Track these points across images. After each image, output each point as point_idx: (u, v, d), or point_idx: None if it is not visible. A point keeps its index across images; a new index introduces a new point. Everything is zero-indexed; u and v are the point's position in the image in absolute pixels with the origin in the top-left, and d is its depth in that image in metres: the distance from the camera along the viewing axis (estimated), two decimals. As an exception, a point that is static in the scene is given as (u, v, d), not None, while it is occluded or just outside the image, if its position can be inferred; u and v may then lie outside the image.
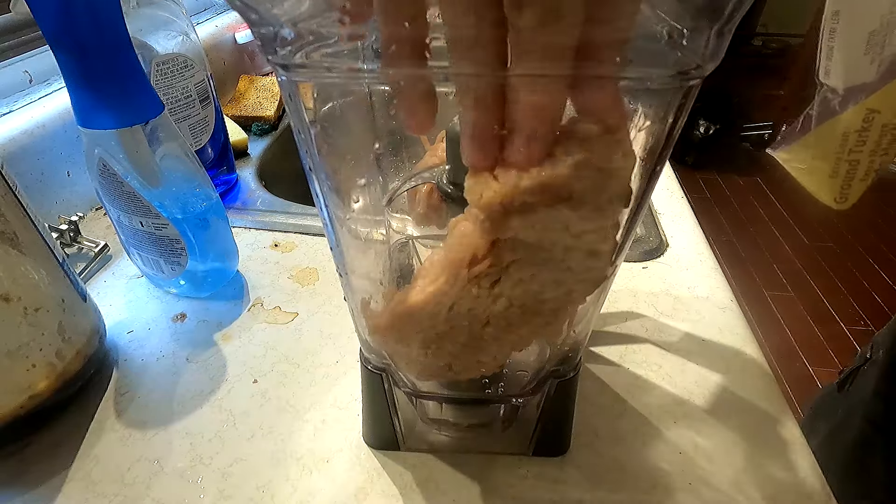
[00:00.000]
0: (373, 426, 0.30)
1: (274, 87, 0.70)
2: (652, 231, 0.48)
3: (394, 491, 0.29)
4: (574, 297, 0.20)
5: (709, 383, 0.34)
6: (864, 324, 1.49)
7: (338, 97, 0.21)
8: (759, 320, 1.50)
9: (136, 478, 0.29)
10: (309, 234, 0.48)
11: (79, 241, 0.45)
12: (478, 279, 0.18)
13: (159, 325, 0.39)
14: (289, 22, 0.16)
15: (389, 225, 0.26)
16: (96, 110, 0.31)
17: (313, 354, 0.37)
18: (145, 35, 0.42)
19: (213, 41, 0.70)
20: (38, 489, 0.29)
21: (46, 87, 0.52)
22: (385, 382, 0.28)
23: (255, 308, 0.40)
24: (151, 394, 0.34)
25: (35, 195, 0.46)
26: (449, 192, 0.23)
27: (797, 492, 0.29)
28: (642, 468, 0.30)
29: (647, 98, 0.18)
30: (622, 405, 0.33)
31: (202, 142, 0.49)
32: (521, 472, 0.30)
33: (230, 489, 0.29)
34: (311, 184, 0.21)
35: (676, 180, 0.55)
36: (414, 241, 0.27)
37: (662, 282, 0.42)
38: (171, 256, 0.38)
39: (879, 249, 1.76)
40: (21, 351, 0.28)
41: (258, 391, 0.34)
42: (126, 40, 0.30)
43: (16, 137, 0.45)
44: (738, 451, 0.31)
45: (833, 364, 1.38)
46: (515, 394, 0.28)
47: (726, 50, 0.15)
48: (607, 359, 0.36)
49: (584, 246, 0.18)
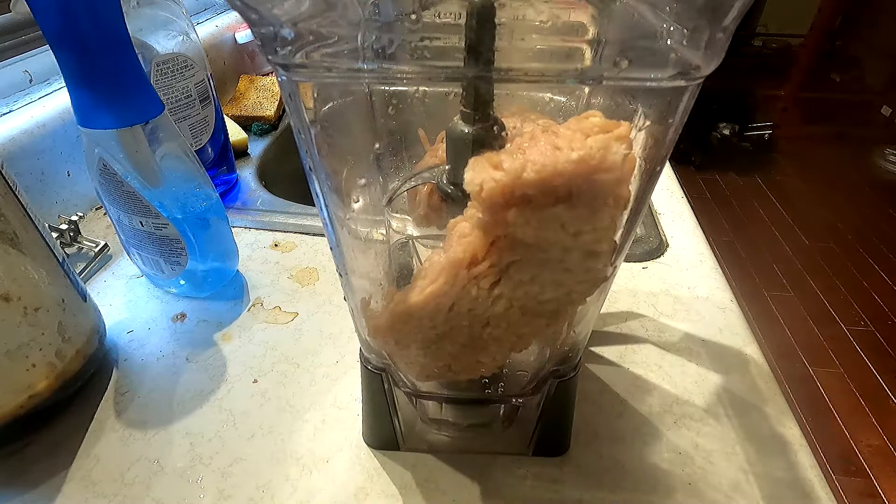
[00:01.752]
0: (373, 426, 0.30)
1: (274, 87, 0.70)
2: (652, 231, 0.48)
3: (394, 491, 0.29)
4: (574, 298, 0.20)
5: (709, 383, 0.34)
6: (864, 324, 1.49)
7: (338, 97, 0.21)
8: (759, 320, 1.50)
9: (136, 478, 0.29)
10: (309, 234, 0.48)
11: (79, 240, 0.45)
12: (477, 280, 0.18)
13: (159, 324, 0.39)
14: (289, 22, 0.16)
15: (389, 225, 0.26)
16: (96, 110, 0.31)
17: (313, 354, 0.37)
18: (145, 35, 0.42)
19: (214, 41, 0.70)
20: (37, 489, 0.29)
21: (46, 86, 0.51)
22: (385, 382, 0.28)
23: (255, 308, 0.41)
24: (151, 394, 0.34)
25: (35, 195, 0.46)
26: (449, 192, 0.23)
27: (797, 492, 0.29)
28: (642, 468, 0.30)
29: (647, 98, 0.18)
30: (622, 405, 0.33)
31: (202, 142, 0.49)
32: (521, 472, 0.30)
33: (230, 489, 0.29)
34: (311, 184, 0.21)
35: (676, 180, 0.55)
36: (414, 241, 0.27)
37: (662, 282, 0.42)
38: (171, 256, 0.38)
39: (879, 249, 1.76)
40: (21, 351, 0.28)
41: (258, 391, 0.34)
42: (126, 40, 0.30)
43: (16, 137, 0.45)
44: (738, 451, 0.31)
45: (833, 364, 1.38)
46: (515, 394, 0.28)
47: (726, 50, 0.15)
48: (607, 359, 0.36)
49: (583, 246, 0.18)
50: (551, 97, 0.23)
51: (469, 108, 0.19)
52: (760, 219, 1.94)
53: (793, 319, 1.51)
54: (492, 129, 0.20)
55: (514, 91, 0.22)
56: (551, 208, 0.16)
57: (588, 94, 0.22)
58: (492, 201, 0.16)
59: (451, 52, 0.16)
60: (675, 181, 0.55)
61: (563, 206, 0.16)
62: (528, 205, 0.16)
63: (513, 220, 0.17)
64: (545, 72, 0.16)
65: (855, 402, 1.29)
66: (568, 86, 0.23)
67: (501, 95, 0.19)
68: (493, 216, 0.17)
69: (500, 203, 0.16)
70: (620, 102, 0.19)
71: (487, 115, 0.19)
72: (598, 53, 0.16)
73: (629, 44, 0.16)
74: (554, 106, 0.23)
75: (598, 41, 0.15)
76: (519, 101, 0.23)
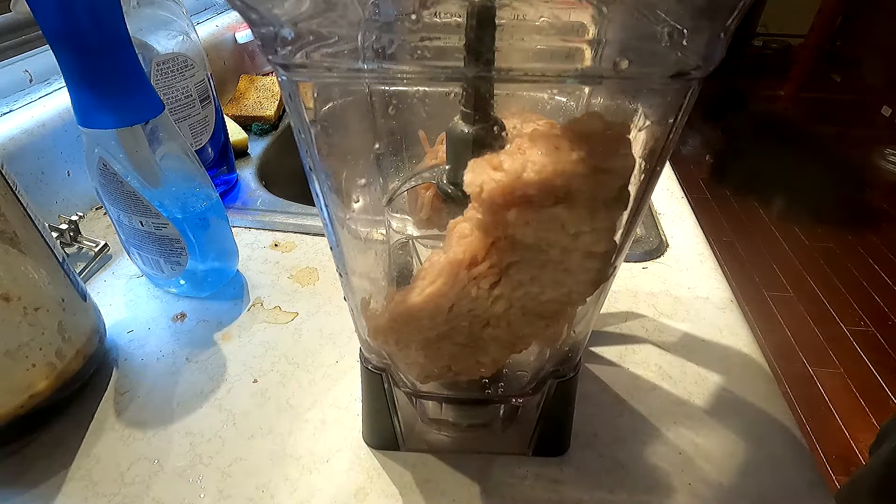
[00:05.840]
0: (373, 426, 0.31)
1: (274, 87, 0.70)
2: (652, 231, 0.48)
3: (393, 491, 0.29)
4: (574, 299, 0.20)
5: (709, 383, 0.34)
6: (864, 324, 1.49)
7: (338, 97, 0.21)
8: (759, 320, 1.50)
9: (135, 477, 0.29)
10: (309, 234, 0.48)
11: (79, 240, 0.45)
12: (477, 280, 0.18)
13: (159, 324, 0.39)
14: (289, 22, 0.16)
15: (389, 225, 0.26)
16: (96, 110, 0.31)
17: (313, 354, 0.37)
18: (145, 35, 0.42)
19: (214, 41, 0.70)
20: (37, 488, 0.29)
21: (46, 86, 0.51)
22: (385, 382, 0.28)
23: (255, 308, 0.41)
24: (151, 393, 0.34)
25: (35, 195, 0.46)
26: (449, 193, 0.23)
27: (797, 492, 0.29)
28: (642, 468, 0.30)
29: (647, 98, 0.18)
30: (622, 405, 0.33)
31: (202, 141, 0.49)
32: (521, 472, 0.30)
33: (230, 489, 0.29)
34: (311, 184, 0.21)
35: (676, 180, 0.55)
36: (414, 241, 0.27)
37: (662, 282, 0.42)
38: (171, 256, 0.38)
39: (879, 249, 1.76)
40: (21, 350, 0.28)
41: (258, 391, 0.34)
42: (126, 40, 0.30)
43: (16, 137, 0.45)
44: (738, 451, 0.31)
45: (833, 364, 1.38)
46: (515, 394, 0.28)
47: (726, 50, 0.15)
48: (607, 359, 0.36)
49: (583, 247, 0.18)
50: (551, 97, 0.23)
51: (469, 108, 0.19)
52: (760, 219, 1.94)
53: (793, 319, 1.51)
54: (492, 129, 0.20)
55: (514, 91, 0.22)
56: (551, 209, 0.16)
57: (588, 94, 0.22)
58: (492, 202, 0.16)
59: (451, 52, 0.16)
60: (675, 181, 0.55)
61: (563, 207, 0.16)
62: (528, 205, 0.16)
63: (513, 221, 0.17)
64: (545, 72, 0.16)
65: (855, 402, 1.29)
66: (568, 86, 0.23)
67: (501, 95, 0.19)
68: (494, 217, 0.17)
69: (500, 203, 0.16)
70: (620, 102, 0.19)
71: (487, 115, 0.19)
72: (598, 53, 0.16)
73: (629, 44, 0.16)
74: (554, 106, 0.23)
75: (598, 41, 0.15)
76: (519, 101, 0.23)
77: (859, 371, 1.36)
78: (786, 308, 1.55)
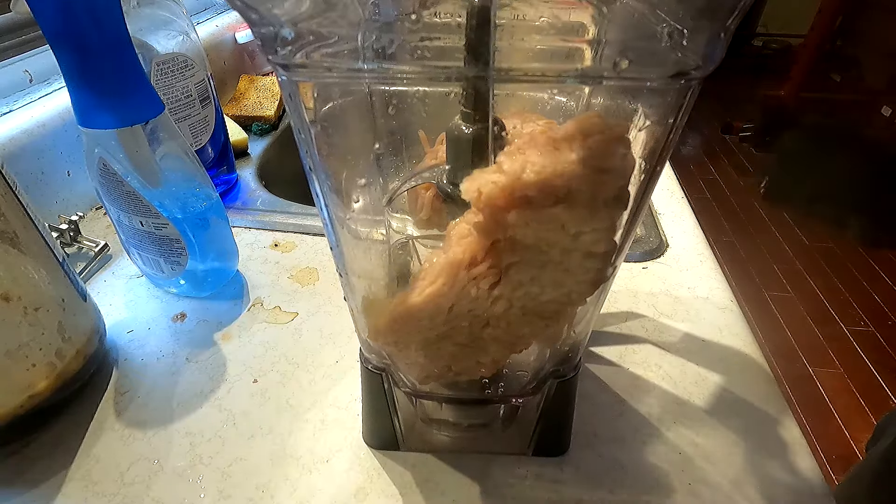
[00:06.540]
0: (372, 426, 0.31)
1: (274, 87, 0.70)
2: (652, 231, 0.48)
3: (393, 491, 0.29)
4: (574, 299, 0.20)
5: (709, 383, 0.34)
6: (864, 324, 1.49)
7: (338, 97, 0.21)
8: (759, 320, 1.50)
9: (135, 477, 0.29)
10: (309, 234, 0.48)
11: (79, 240, 0.45)
12: (477, 281, 0.18)
13: (159, 324, 0.39)
14: (289, 22, 0.16)
15: (389, 225, 0.26)
16: (96, 110, 0.31)
17: (313, 354, 0.37)
18: (145, 35, 0.42)
19: (214, 41, 0.70)
20: (37, 488, 0.29)
21: (46, 86, 0.51)
22: (385, 382, 0.28)
23: (255, 308, 0.41)
24: (151, 393, 0.34)
25: (35, 195, 0.46)
26: (449, 192, 0.23)
27: (797, 492, 0.29)
28: (642, 468, 0.30)
29: (647, 98, 0.18)
30: (622, 405, 0.33)
31: (202, 141, 0.49)
32: (521, 472, 0.30)
33: (230, 489, 0.29)
34: (311, 184, 0.21)
35: (676, 180, 0.55)
36: (414, 241, 0.27)
37: (662, 282, 0.42)
38: (171, 256, 0.38)
39: (879, 249, 1.76)
40: (21, 350, 0.28)
41: (258, 391, 0.34)
42: (126, 40, 0.30)
43: (16, 137, 0.45)
44: (738, 451, 0.31)
45: (833, 364, 1.38)
46: (515, 394, 0.28)
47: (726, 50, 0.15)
48: (607, 359, 0.36)
49: (583, 247, 0.18)
50: (551, 97, 0.23)
51: (469, 108, 0.19)
52: (760, 219, 1.94)
53: (793, 319, 1.51)
54: (492, 129, 0.20)
55: (514, 91, 0.22)
56: (551, 209, 0.16)
57: (588, 94, 0.22)
58: (492, 203, 0.16)
59: (451, 52, 0.16)
60: (675, 181, 0.55)
61: (563, 207, 0.16)
62: (528, 206, 0.16)
63: (513, 222, 0.17)
64: (545, 72, 0.16)
65: (855, 402, 1.29)
66: (568, 86, 0.23)
67: (501, 95, 0.19)
68: (494, 218, 0.17)
69: (500, 205, 0.16)
70: (620, 102, 0.19)
71: (487, 115, 0.19)
72: (598, 53, 0.16)
73: (629, 44, 0.16)
74: (554, 106, 0.23)
75: (598, 41, 0.15)
76: (519, 101, 0.23)
77: (859, 371, 1.36)
78: (786, 308, 1.55)
